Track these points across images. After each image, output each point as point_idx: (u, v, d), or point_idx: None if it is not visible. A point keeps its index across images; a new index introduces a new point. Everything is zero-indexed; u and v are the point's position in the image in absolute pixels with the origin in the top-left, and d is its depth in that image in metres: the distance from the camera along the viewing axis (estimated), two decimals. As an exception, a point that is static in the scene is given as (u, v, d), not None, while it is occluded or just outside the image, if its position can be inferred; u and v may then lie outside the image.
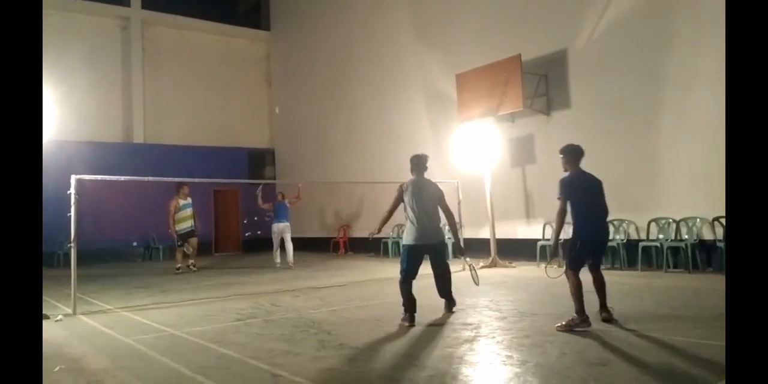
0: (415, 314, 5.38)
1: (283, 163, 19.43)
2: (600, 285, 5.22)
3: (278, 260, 11.87)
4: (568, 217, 5.28)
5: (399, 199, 5.79)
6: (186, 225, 11.70)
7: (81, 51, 16.27)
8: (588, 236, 5.15)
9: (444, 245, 5.97)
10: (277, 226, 11.89)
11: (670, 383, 3.19)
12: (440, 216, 5.82)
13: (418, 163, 5.88)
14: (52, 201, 9.88)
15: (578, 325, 4.73)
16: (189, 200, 11.82)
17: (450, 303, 5.94)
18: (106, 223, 15.60)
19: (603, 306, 5.13)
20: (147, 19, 17.72)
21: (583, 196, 5.23)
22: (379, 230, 6.13)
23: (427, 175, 5.90)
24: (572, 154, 5.42)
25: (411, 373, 3.56)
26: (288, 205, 12.10)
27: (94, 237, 14.83)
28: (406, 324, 5.25)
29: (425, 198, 5.71)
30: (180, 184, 11.50)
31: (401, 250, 5.83)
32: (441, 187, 5.88)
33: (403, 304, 5.48)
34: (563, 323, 4.80)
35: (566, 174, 5.40)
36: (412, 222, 5.66)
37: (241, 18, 19.75)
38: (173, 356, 4.26)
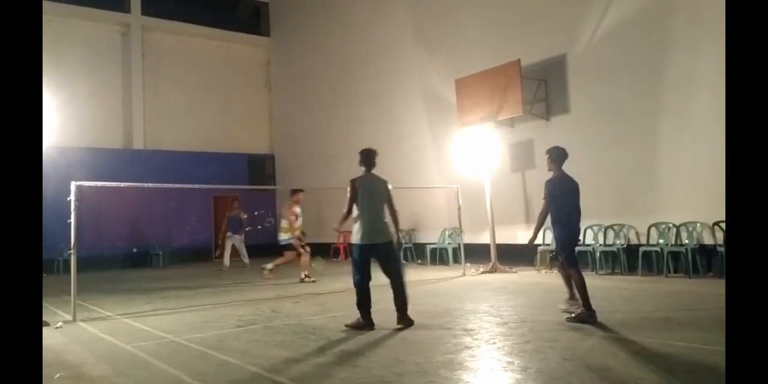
0: (371, 316, 5.33)
1: (283, 169, 19.43)
2: (569, 279, 5.66)
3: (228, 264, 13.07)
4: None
5: (355, 195, 5.50)
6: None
7: (81, 57, 16.33)
8: (575, 235, 5.59)
9: (391, 245, 5.53)
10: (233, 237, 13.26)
11: (671, 389, 3.18)
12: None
13: (368, 157, 5.68)
14: (52, 207, 9.90)
15: (587, 317, 5.14)
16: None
17: (402, 316, 5.38)
18: (106, 229, 15.58)
19: (573, 296, 5.61)
20: (147, 25, 17.78)
21: (568, 197, 5.55)
22: (340, 226, 5.67)
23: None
24: (559, 156, 5.74)
25: (412, 380, 3.55)
26: (242, 217, 13.47)
27: (94, 243, 14.82)
28: (365, 328, 5.22)
29: (375, 195, 5.53)
30: (296, 191, 10.66)
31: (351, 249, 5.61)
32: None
33: (358, 307, 5.38)
34: (573, 316, 5.25)
35: (551, 175, 5.71)
36: (360, 221, 5.44)
37: (241, 24, 19.81)
38: (173, 363, 4.25)
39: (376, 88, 15.19)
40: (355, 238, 5.46)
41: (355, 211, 5.50)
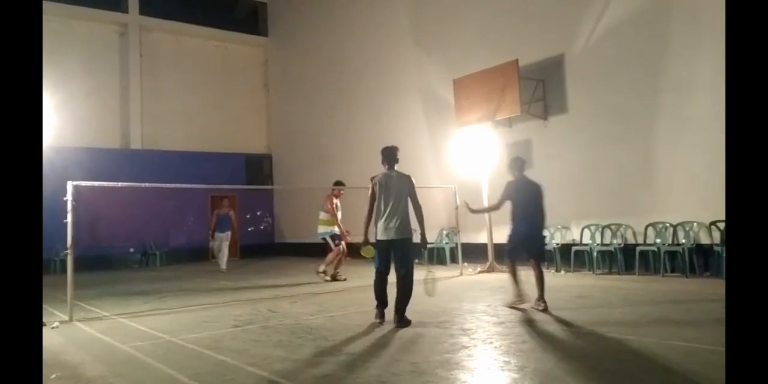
0: (385, 311, 5.53)
1: (281, 169, 19.42)
2: (538, 278, 6.08)
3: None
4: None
5: (374, 194, 5.62)
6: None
7: (79, 57, 16.30)
8: (516, 233, 6.22)
9: (409, 243, 5.62)
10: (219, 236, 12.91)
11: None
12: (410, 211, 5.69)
13: (389, 155, 5.79)
14: (48, 207, 9.90)
15: (516, 303, 6.11)
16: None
17: (400, 318, 5.39)
18: (103, 229, 15.54)
19: (540, 298, 5.99)
20: (145, 25, 17.75)
21: (520, 198, 6.23)
22: (366, 233, 5.73)
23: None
24: (512, 166, 6.52)
25: (409, 380, 3.55)
26: (231, 216, 13.11)
27: (91, 243, 14.77)
28: (377, 321, 5.43)
29: (394, 192, 5.59)
30: (336, 184, 10.20)
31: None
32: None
33: (376, 299, 5.63)
34: (509, 301, 6.23)
35: (512, 179, 6.43)
36: (378, 218, 5.59)
37: (239, 24, 19.79)
38: (170, 363, 4.24)
39: (375, 88, 15.19)
40: (375, 234, 5.65)
41: (378, 207, 5.63)
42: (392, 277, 5.62)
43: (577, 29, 10.25)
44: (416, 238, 5.78)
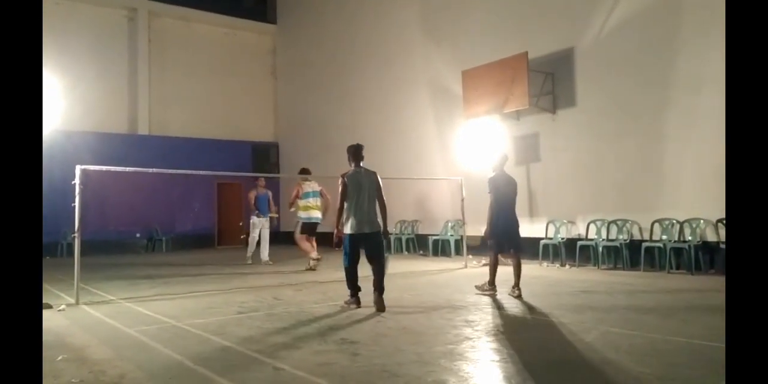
0: (359, 297, 5.90)
1: (288, 157, 19.42)
2: (516, 267, 6.55)
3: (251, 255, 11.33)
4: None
5: (345, 190, 5.90)
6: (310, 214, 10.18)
7: (87, 41, 16.29)
8: (500, 227, 6.55)
9: (380, 236, 5.97)
10: (260, 220, 11.27)
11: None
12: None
13: (356, 152, 6.09)
14: (57, 190, 10.01)
15: (487, 290, 6.54)
16: (317, 188, 10.35)
17: (379, 298, 5.73)
18: (110, 213, 15.64)
19: (516, 285, 6.46)
20: (154, 10, 17.71)
21: (501, 192, 6.61)
22: (338, 226, 5.94)
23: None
24: (501, 160, 6.92)
25: (412, 369, 3.56)
26: (270, 197, 11.50)
27: (98, 228, 14.86)
28: (353, 306, 5.81)
29: (365, 188, 5.89)
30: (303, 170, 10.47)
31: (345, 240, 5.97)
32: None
33: (348, 287, 5.96)
34: (480, 285, 6.72)
35: (493, 174, 6.78)
36: (350, 212, 5.85)
37: (247, 11, 19.70)
38: (175, 348, 4.27)
39: (382, 77, 15.13)
40: (347, 228, 5.88)
41: (346, 204, 5.90)
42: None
43: (588, 22, 10.16)
44: None
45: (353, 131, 15.94)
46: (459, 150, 12.19)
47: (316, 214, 10.17)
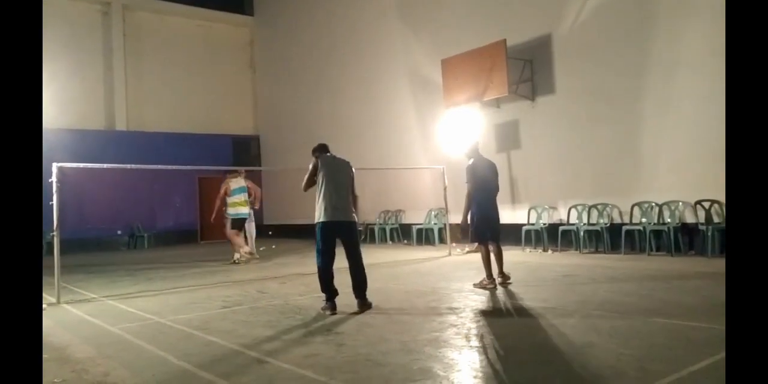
0: (336, 301, 5.23)
1: (269, 150, 19.31)
2: (498, 255, 6.47)
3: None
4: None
5: (316, 171, 5.40)
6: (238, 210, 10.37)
7: (61, 37, 15.95)
8: (482, 214, 6.37)
9: (356, 226, 5.45)
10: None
11: (653, 365, 3.23)
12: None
13: (322, 149, 5.75)
14: (33, 189, 9.82)
15: (488, 285, 6.21)
16: (243, 184, 10.59)
17: (363, 302, 5.26)
18: (90, 211, 15.47)
19: (500, 272, 6.41)
20: (128, 4, 17.42)
21: (481, 177, 6.44)
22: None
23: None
24: (473, 147, 6.83)
25: (397, 358, 3.58)
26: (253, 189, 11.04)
27: (78, 226, 14.71)
28: (328, 312, 5.09)
29: (342, 174, 5.44)
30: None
31: (316, 230, 5.34)
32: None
33: (322, 290, 5.26)
34: (478, 282, 6.33)
35: (470, 161, 6.58)
36: (323, 198, 5.29)
37: (224, 3, 19.43)
38: (159, 344, 4.25)
39: (362, 68, 15.06)
40: (318, 216, 5.30)
41: (319, 189, 5.35)
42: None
43: (565, 9, 10.18)
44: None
45: (334, 122, 15.89)
46: (440, 139, 12.20)
47: (244, 210, 10.46)
